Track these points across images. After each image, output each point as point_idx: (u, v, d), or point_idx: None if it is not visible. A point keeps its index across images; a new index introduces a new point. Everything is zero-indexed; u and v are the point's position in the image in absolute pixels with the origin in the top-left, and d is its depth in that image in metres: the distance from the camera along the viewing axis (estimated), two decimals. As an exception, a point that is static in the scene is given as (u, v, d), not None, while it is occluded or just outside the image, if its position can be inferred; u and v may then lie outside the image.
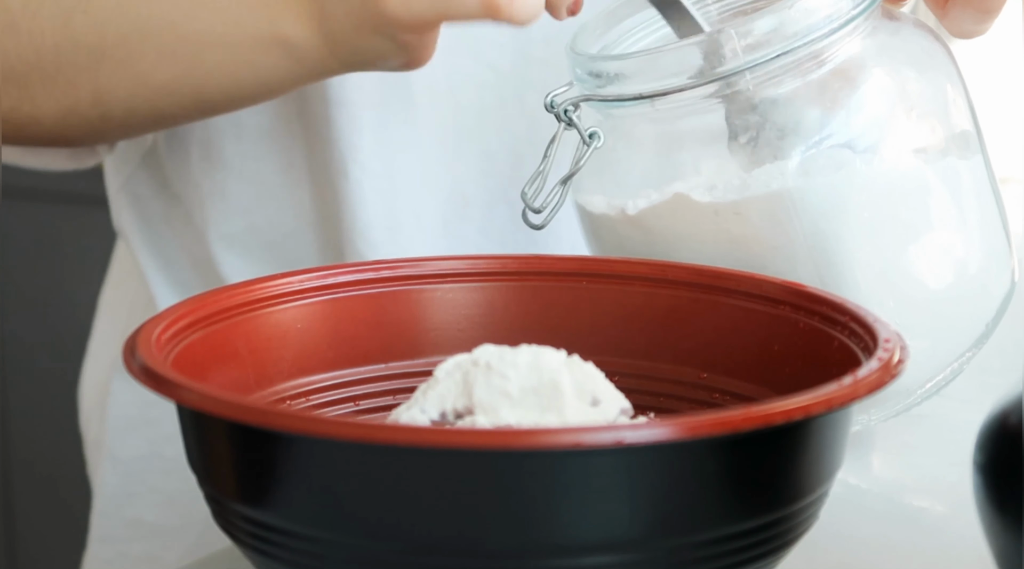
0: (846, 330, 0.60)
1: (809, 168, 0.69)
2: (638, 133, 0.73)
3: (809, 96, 0.70)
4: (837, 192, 0.69)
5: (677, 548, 0.52)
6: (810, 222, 0.69)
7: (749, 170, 0.70)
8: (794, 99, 0.70)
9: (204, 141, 0.90)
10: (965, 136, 0.73)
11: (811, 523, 0.56)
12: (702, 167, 0.71)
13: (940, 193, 0.71)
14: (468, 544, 0.50)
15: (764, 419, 0.51)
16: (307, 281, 0.65)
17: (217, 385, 0.60)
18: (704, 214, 0.70)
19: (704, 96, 0.70)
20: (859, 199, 0.69)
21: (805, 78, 0.70)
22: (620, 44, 0.75)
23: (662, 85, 0.70)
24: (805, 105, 0.70)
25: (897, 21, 0.73)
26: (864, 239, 0.69)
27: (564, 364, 0.58)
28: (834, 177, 0.69)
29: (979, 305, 0.73)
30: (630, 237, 0.72)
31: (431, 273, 0.66)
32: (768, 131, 0.70)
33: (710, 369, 0.64)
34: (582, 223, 0.75)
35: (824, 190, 0.69)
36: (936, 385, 0.72)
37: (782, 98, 0.70)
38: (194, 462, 0.57)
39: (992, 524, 0.54)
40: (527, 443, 0.49)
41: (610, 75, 0.71)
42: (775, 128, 0.70)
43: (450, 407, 0.58)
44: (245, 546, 0.55)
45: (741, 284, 0.64)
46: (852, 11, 0.69)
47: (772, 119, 0.70)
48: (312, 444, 0.51)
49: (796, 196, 0.68)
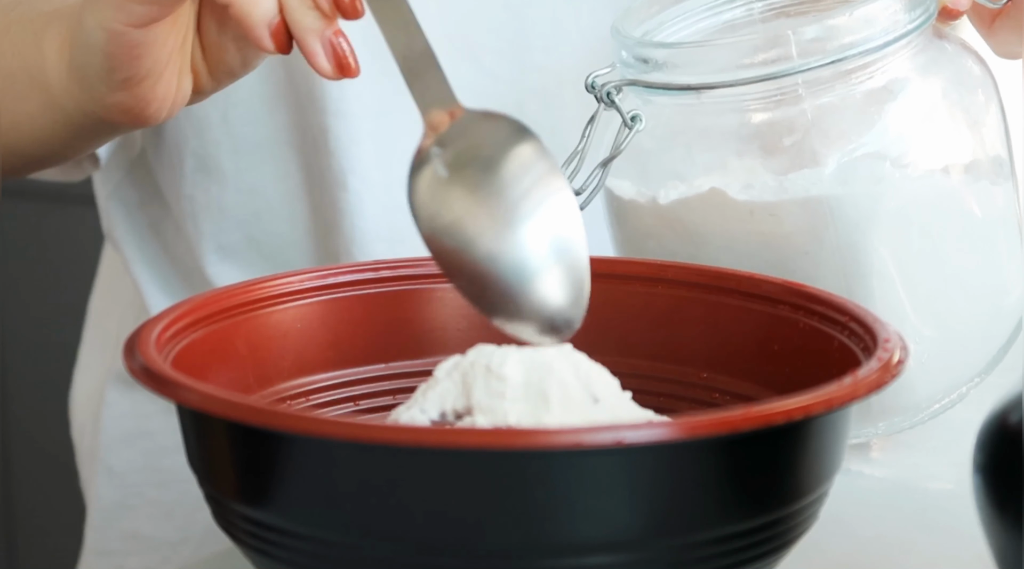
0: (846, 330, 0.60)
1: (847, 177, 0.69)
2: (676, 123, 0.73)
3: (855, 105, 0.70)
4: (874, 203, 0.69)
5: (677, 548, 0.52)
6: (844, 231, 0.69)
7: (784, 173, 0.70)
8: (840, 107, 0.70)
9: (200, 153, 0.90)
10: (999, 161, 0.73)
11: (811, 523, 0.56)
12: (735, 165, 0.71)
13: (972, 214, 0.72)
14: (468, 544, 0.50)
15: (764, 419, 0.51)
16: (307, 281, 0.65)
17: (217, 385, 0.60)
18: (739, 212, 0.70)
19: (753, 95, 0.70)
20: (894, 212, 0.70)
21: (853, 87, 0.70)
22: (663, 31, 0.75)
23: (713, 79, 0.70)
24: (850, 114, 0.70)
25: (944, 40, 0.73)
26: (895, 252, 0.70)
27: (564, 363, 0.58)
28: (873, 188, 0.69)
29: (994, 329, 0.73)
30: (656, 226, 0.72)
31: (431, 273, 0.66)
32: (812, 137, 0.70)
33: (710, 369, 0.64)
34: (607, 207, 0.75)
35: (861, 200, 0.69)
36: (943, 407, 0.73)
37: (828, 105, 0.70)
38: (194, 462, 0.57)
39: (992, 524, 0.54)
40: (527, 443, 0.49)
41: (658, 62, 0.71)
42: (819, 134, 0.70)
43: (450, 407, 0.58)
44: (245, 546, 0.55)
45: (741, 284, 0.64)
46: (908, 25, 0.70)
47: (817, 124, 0.70)
48: (312, 444, 0.51)
49: (834, 204, 0.69)
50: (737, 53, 0.70)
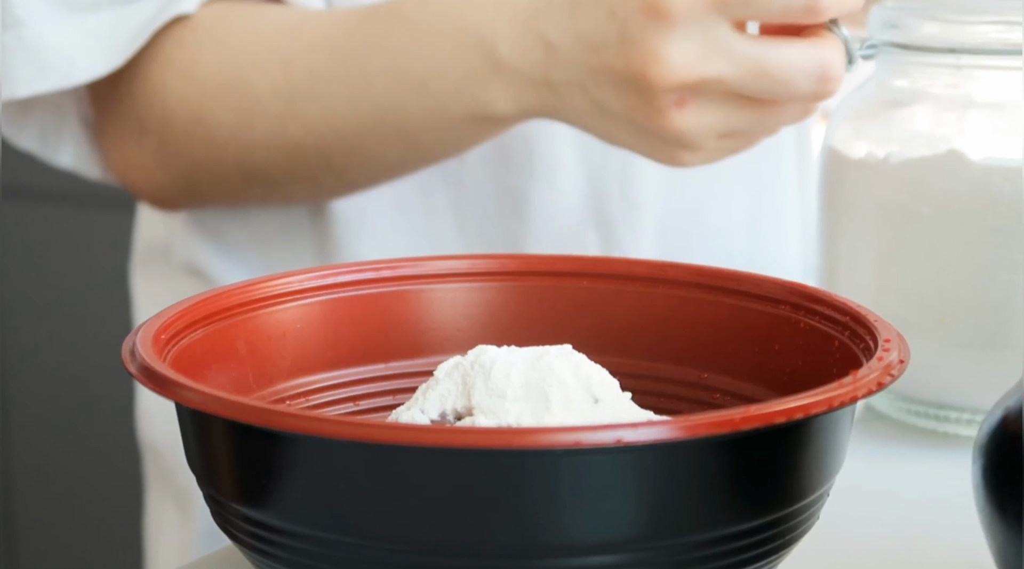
0: (847, 330, 0.60)
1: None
2: (920, 83, 0.75)
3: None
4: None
5: (677, 548, 0.51)
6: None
7: None
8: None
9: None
10: None
11: (811, 523, 0.56)
12: (974, 133, 0.72)
13: None
14: (468, 544, 0.50)
15: (764, 419, 0.51)
16: (307, 281, 0.64)
17: (217, 385, 0.60)
18: (977, 175, 0.71)
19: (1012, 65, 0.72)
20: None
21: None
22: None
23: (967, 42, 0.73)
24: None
25: None
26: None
27: (564, 363, 0.58)
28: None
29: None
30: (883, 187, 0.74)
31: (431, 273, 0.66)
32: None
33: (710, 369, 0.64)
34: (826, 167, 0.77)
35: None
36: None
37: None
38: (194, 462, 0.57)
39: (992, 524, 0.54)
40: (527, 443, 0.49)
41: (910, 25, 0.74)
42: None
43: (450, 407, 0.58)
44: (245, 546, 0.55)
45: (741, 284, 0.64)
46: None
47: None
48: (312, 444, 0.51)
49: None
50: (1006, 25, 0.72)
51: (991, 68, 0.74)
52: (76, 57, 0.85)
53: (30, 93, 0.85)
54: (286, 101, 0.83)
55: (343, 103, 0.82)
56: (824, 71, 0.72)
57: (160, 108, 0.86)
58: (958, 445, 0.74)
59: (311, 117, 0.83)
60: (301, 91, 0.83)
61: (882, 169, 0.75)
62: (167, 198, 0.91)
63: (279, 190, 0.88)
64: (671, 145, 0.76)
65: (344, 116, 0.82)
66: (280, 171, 0.85)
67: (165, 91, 0.86)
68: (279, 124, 0.83)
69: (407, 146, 0.83)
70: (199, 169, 0.87)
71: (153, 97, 0.86)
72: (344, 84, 0.82)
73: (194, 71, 0.85)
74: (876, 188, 0.75)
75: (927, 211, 0.74)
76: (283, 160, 0.85)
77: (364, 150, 0.83)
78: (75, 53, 0.85)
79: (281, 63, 0.83)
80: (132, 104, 0.87)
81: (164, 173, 0.88)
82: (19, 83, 0.85)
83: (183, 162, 0.87)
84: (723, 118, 0.74)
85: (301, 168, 0.85)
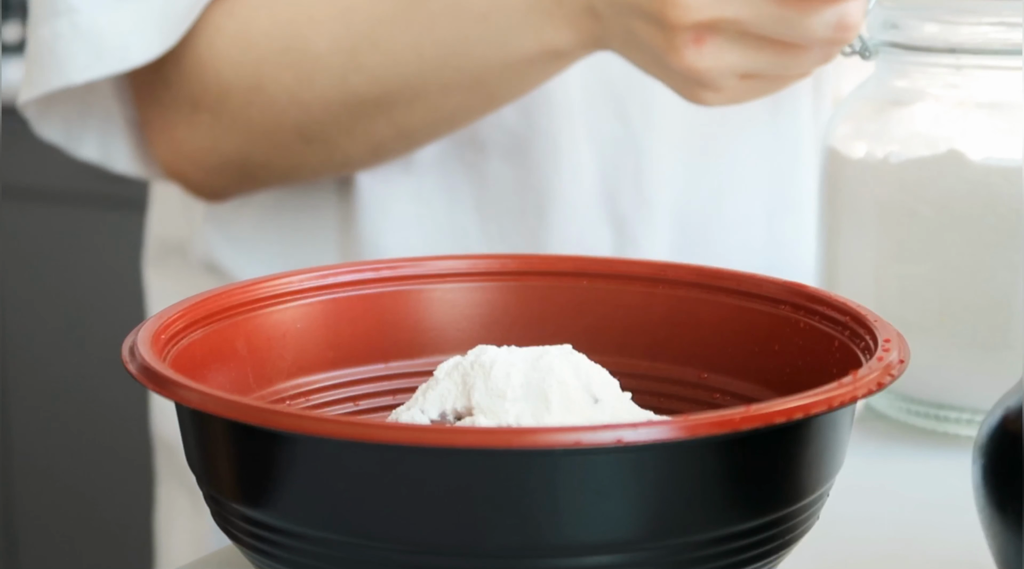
0: (847, 330, 0.60)
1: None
2: (919, 83, 0.75)
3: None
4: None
5: (677, 548, 0.51)
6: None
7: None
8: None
9: None
10: None
11: (811, 523, 0.56)
12: (974, 128, 0.72)
13: None
14: (468, 544, 0.50)
15: (764, 419, 0.51)
16: (307, 281, 0.65)
17: (217, 385, 0.60)
18: (977, 175, 0.71)
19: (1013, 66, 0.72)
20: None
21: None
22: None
23: (967, 42, 0.73)
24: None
25: None
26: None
27: (564, 363, 0.58)
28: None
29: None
30: (882, 187, 0.74)
31: (431, 273, 0.66)
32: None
33: (710, 369, 0.64)
34: (826, 167, 0.77)
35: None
36: None
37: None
38: (194, 462, 0.57)
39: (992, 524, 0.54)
40: (527, 442, 0.49)
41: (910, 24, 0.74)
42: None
43: (450, 407, 0.58)
44: (245, 546, 0.55)
45: (741, 284, 0.64)
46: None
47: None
48: (312, 444, 0.51)
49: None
50: (1008, 27, 0.72)
51: (991, 68, 0.75)
52: (131, 40, 0.85)
53: (87, 78, 0.86)
54: (347, 53, 0.83)
55: (407, 48, 0.82)
56: (842, 18, 0.73)
57: (215, 81, 0.86)
58: (958, 445, 0.74)
59: (374, 66, 0.83)
60: (363, 40, 0.83)
61: (882, 169, 0.75)
62: (217, 186, 0.91)
63: (337, 151, 0.87)
64: (691, 83, 0.76)
65: (407, 62, 0.82)
66: (340, 129, 0.85)
67: (219, 62, 0.86)
68: (340, 78, 0.83)
69: (470, 89, 0.83)
70: (256, 140, 0.87)
71: (206, 71, 0.86)
72: (406, 28, 0.82)
73: (249, 37, 0.85)
74: (876, 188, 0.75)
75: (927, 211, 0.74)
76: (344, 116, 0.85)
77: (427, 97, 0.83)
78: (129, 36, 0.85)
79: (340, 14, 0.83)
80: (183, 84, 0.87)
81: (218, 155, 0.88)
82: (75, 70, 0.85)
83: (239, 135, 0.87)
84: (741, 58, 0.75)
85: (362, 123, 0.85)
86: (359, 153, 0.88)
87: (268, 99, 0.85)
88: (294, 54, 0.84)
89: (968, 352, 0.74)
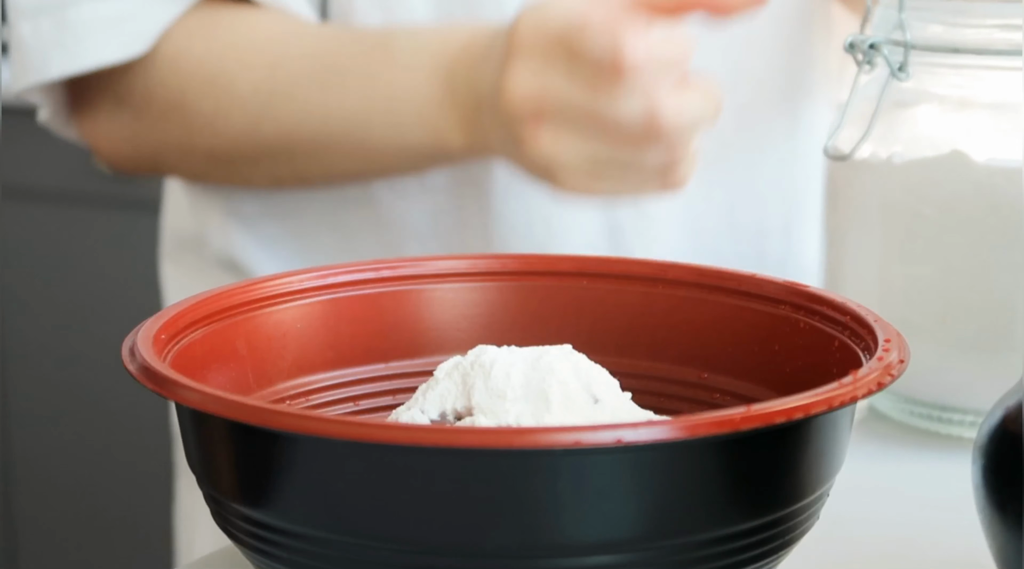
0: (847, 330, 0.59)
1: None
2: (924, 83, 0.75)
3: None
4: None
5: (677, 548, 0.51)
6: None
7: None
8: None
9: None
10: None
11: (811, 523, 0.56)
12: (978, 134, 0.73)
13: None
14: (468, 544, 0.50)
15: (764, 419, 0.51)
16: (307, 281, 0.65)
17: (217, 385, 0.60)
18: (980, 176, 0.71)
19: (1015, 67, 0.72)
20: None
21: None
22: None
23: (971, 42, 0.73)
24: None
25: None
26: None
27: (564, 363, 0.58)
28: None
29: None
30: (885, 189, 0.74)
31: (431, 273, 0.66)
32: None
33: (710, 369, 0.64)
34: (832, 172, 0.77)
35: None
36: None
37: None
38: (193, 462, 0.57)
39: (992, 524, 0.54)
40: (527, 443, 0.49)
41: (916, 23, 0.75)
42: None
43: (450, 407, 0.58)
44: (245, 546, 0.55)
45: (741, 284, 0.64)
46: None
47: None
48: (312, 444, 0.51)
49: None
50: (998, 19, 0.72)
51: (995, 69, 0.74)
52: (110, 40, 0.89)
53: (60, 75, 0.90)
54: (265, 100, 0.87)
55: (317, 110, 0.87)
56: (650, 108, 0.74)
57: (141, 88, 0.90)
58: (960, 447, 0.74)
59: (284, 118, 0.87)
60: (281, 93, 0.87)
61: (885, 170, 0.75)
62: (127, 169, 0.96)
63: (239, 175, 0.92)
64: (543, 172, 0.78)
65: (314, 122, 0.87)
66: (245, 161, 0.90)
67: (148, 74, 0.90)
68: (254, 120, 0.88)
69: (366, 159, 0.88)
70: (168, 149, 0.92)
71: (136, 77, 0.90)
72: (320, 92, 0.87)
73: (179, 62, 0.89)
74: (879, 189, 0.75)
75: (930, 212, 0.74)
76: (251, 152, 0.89)
77: (327, 157, 0.88)
78: (109, 36, 0.89)
79: (267, 64, 0.88)
80: (112, 79, 0.91)
81: (132, 147, 0.93)
82: (54, 65, 0.89)
83: (154, 141, 0.92)
84: (580, 143, 0.77)
85: (266, 161, 0.90)
86: (260, 181, 0.93)
87: (186, 119, 0.90)
88: (218, 88, 0.89)
89: (971, 354, 0.74)
